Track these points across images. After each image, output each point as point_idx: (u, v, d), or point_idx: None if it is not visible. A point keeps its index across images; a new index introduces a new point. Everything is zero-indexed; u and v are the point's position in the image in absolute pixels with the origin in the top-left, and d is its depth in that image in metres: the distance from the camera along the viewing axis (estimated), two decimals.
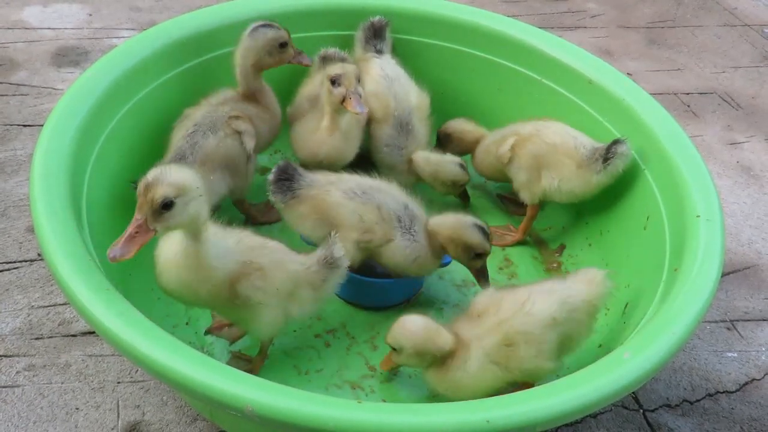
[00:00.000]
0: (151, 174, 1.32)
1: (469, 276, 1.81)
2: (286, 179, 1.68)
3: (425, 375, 1.57)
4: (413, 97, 2.04)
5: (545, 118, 1.97)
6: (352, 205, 1.67)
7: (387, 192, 1.72)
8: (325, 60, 2.04)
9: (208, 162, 1.77)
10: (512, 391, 1.39)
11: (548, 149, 1.89)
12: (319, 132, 1.88)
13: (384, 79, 2.02)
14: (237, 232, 1.53)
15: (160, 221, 1.30)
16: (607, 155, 1.81)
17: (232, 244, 1.48)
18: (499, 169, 2.00)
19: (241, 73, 1.88)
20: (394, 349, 1.54)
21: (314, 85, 2.00)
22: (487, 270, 1.75)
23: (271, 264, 1.51)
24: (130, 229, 1.30)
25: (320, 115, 1.89)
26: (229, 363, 1.63)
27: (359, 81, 1.80)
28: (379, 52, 2.10)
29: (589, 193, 1.88)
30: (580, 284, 1.56)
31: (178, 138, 1.80)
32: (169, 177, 1.31)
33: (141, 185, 1.31)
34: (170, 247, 1.43)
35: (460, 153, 2.06)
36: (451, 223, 1.71)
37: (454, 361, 1.51)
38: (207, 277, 1.43)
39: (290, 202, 1.69)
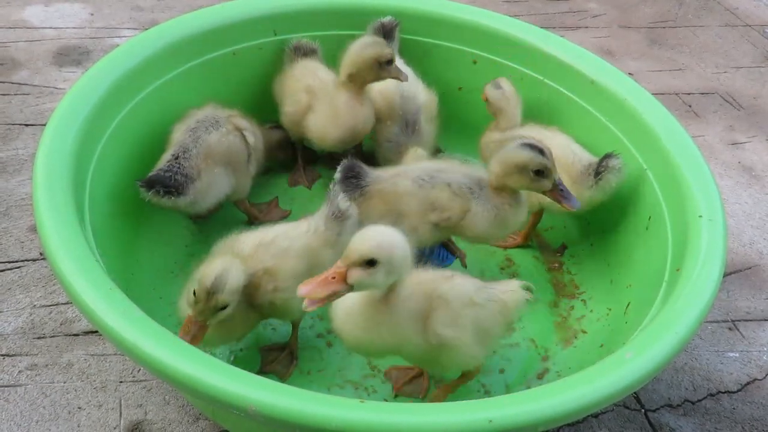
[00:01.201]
0: (210, 278, 1.40)
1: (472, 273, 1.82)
2: (353, 177, 1.71)
3: (356, 307, 1.41)
4: (421, 96, 2.04)
5: (552, 128, 1.95)
6: (423, 192, 1.70)
7: (451, 170, 1.74)
8: (297, 51, 2.06)
9: (211, 156, 1.78)
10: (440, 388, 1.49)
11: None
12: (349, 105, 1.89)
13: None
14: (232, 244, 1.55)
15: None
16: (598, 169, 1.79)
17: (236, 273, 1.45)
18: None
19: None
20: (369, 263, 1.29)
21: (298, 78, 2.01)
22: (563, 188, 1.66)
23: (276, 257, 1.52)
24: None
25: (330, 99, 1.91)
26: (264, 358, 1.68)
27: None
28: None
29: (584, 207, 1.82)
30: (500, 285, 1.55)
31: (180, 132, 1.80)
32: (228, 283, 1.40)
33: (201, 291, 1.40)
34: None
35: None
36: (498, 155, 1.68)
37: (382, 306, 1.39)
38: (233, 318, 1.49)
39: (359, 199, 1.71)
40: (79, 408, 1.62)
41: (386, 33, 2.12)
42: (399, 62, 2.08)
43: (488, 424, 1.17)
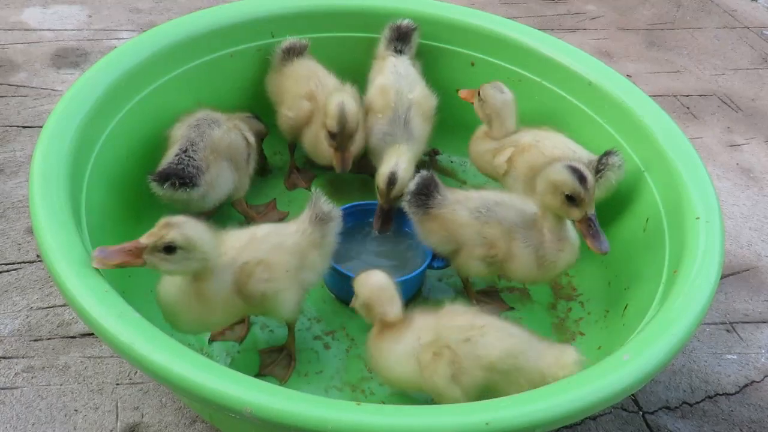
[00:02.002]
0: (177, 218, 1.37)
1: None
2: (425, 194, 1.73)
3: (370, 335, 1.56)
4: (417, 93, 2.03)
5: (547, 128, 1.95)
6: (477, 225, 1.69)
7: (508, 204, 1.71)
8: (290, 52, 2.04)
9: (216, 150, 1.79)
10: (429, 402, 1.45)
11: (545, 160, 1.87)
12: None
13: (393, 75, 2.02)
14: (221, 239, 1.53)
15: (154, 257, 1.35)
16: (598, 166, 1.79)
17: (224, 262, 1.48)
18: (487, 164, 2.00)
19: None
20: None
21: (297, 80, 2.00)
22: (595, 225, 1.57)
23: (270, 251, 1.53)
24: (128, 244, 1.35)
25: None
26: (263, 360, 1.68)
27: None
28: (399, 52, 2.10)
29: None
30: (547, 353, 1.43)
31: (182, 129, 1.80)
32: (186, 228, 1.36)
33: (163, 220, 1.36)
34: (171, 293, 1.45)
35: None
36: (544, 170, 1.62)
37: (391, 334, 1.50)
38: (214, 307, 1.47)
39: (422, 218, 1.74)
40: (76, 410, 1.62)
41: (401, 35, 2.11)
42: (407, 62, 2.09)
43: (485, 426, 1.16)
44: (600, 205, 1.91)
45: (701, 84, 2.99)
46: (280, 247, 1.55)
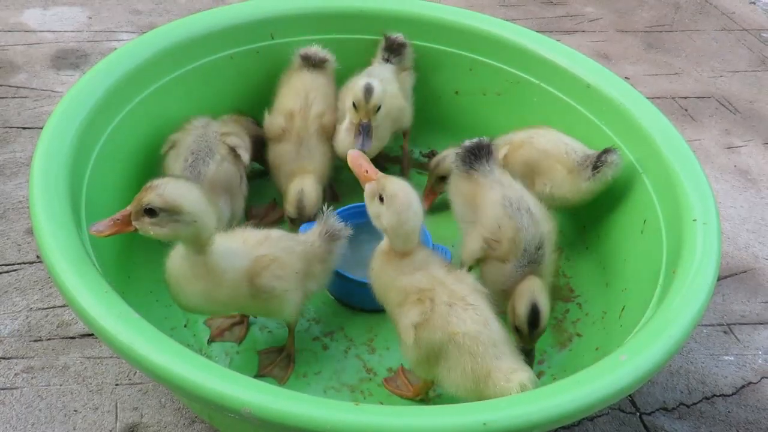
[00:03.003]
0: (160, 179, 1.37)
1: None
2: (475, 155, 1.74)
3: (378, 249, 1.55)
4: (388, 97, 1.97)
5: (540, 126, 1.97)
6: (500, 213, 1.69)
7: (536, 218, 1.70)
8: (305, 60, 2.03)
9: (213, 189, 1.76)
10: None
11: (540, 155, 1.89)
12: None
13: (366, 75, 1.99)
14: (240, 233, 1.57)
15: (140, 222, 1.36)
16: (597, 163, 1.80)
17: (238, 246, 1.51)
18: None
19: None
20: (381, 200, 1.47)
21: (294, 93, 1.99)
22: (531, 355, 1.60)
23: (284, 251, 1.56)
24: (117, 214, 1.37)
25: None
26: (262, 361, 1.69)
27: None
28: (386, 61, 2.12)
29: (581, 199, 1.87)
30: (506, 361, 1.40)
31: (176, 169, 1.78)
32: (165, 190, 1.35)
33: (147, 183, 1.36)
34: (178, 265, 1.46)
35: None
36: (520, 286, 1.62)
37: (399, 261, 1.50)
38: (221, 283, 1.46)
39: (461, 174, 1.76)
40: (75, 411, 1.62)
41: (389, 45, 2.12)
42: (389, 68, 2.09)
43: (483, 426, 1.17)
44: (598, 206, 1.93)
45: (699, 86, 3.00)
46: (291, 251, 1.57)
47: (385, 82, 1.98)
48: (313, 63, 2.03)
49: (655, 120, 1.87)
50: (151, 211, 1.34)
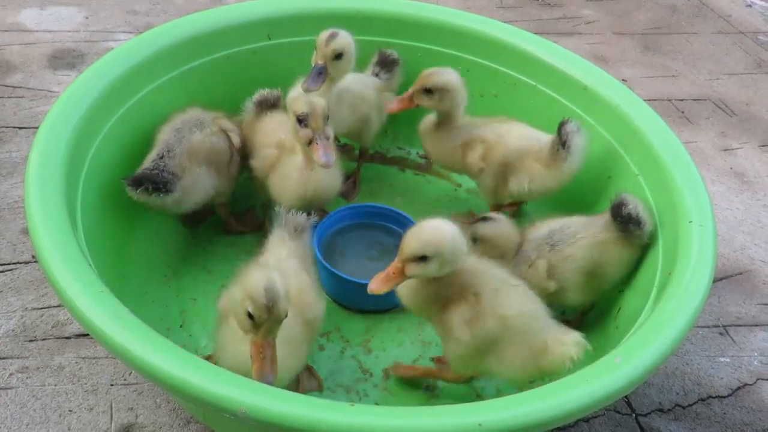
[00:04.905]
0: (261, 293, 1.28)
1: None
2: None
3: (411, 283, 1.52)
4: (351, 80, 1.97)
5: (504, 119, 1.97)
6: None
7: (568, 233, 1.70)
8: (262, 105, 1.94)
9: (194, 155, 1.77)
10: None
11: (515, 155, 1.90)
12: (300, 171, 1.77)
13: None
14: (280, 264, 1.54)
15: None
16: (561, 139, 1.80)
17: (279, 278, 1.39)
18: (456, 161, 1.99)
19: None
20: (422, 259, 1.42)
21: (267, 132, 1.89)
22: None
23: (294, 276, 1.52)
24: (267, 350, 1.30)
25: (294, 155, 1.79)
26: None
27: (328, 119, 1.70)
28: (375, 75, 2.13)
29: (564, 183, 1.87)
30: (554, 329, 1.48)
31: (164, 132, 1.80)
32: (281, 289, 1.30)
33: (259, 308, 1.28)
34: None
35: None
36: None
37: (455, 301, 1.48)
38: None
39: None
40: (70, 411, 1.62)
41: (380, 60, 2.13)
42: (366, 75, 2.09)
43: (478, 427, 1.17)
44: (593, 208, 1.93)
45: (696, 88, 3.00)
46: (295, 272, 1.54)
47: (362, 85, 2.00)
48: (270, 105, 1.94)
49: (651, 122, 1.88)
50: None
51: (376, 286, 1.44)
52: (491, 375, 1.53)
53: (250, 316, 1.29)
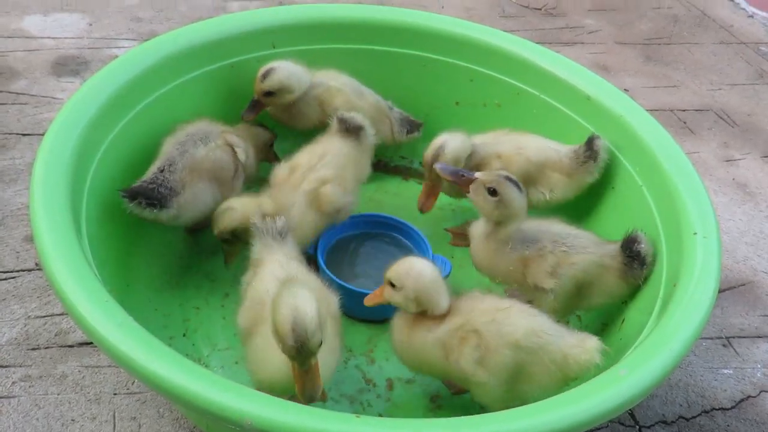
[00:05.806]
0: (297, 329, 1.23)
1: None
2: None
3: (396, 319, 1.55)
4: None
5: (519, 132, 1.98)
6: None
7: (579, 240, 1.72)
8: (341, 123, 1.93)
9: (196, 171, 1.77)
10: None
11: (536, 168, 1.91)
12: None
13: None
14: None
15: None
16: (592, 153, 1.86)
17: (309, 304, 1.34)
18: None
19: None
20: (392, 286, 1.48)
21: None
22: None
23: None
24: (313, 373, 1.28)
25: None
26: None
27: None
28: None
29: (579, 193, 1.93)
30: (568, 336, 1.45)
31: (168, 145, 1.80)
32: (314, 321, 1.25)
33: (292, 348, 1.24)
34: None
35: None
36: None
37: (428, 322, 1.49)
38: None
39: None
40: (73, 420, 1.61)
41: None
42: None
43: None
44: (597, 219, 1.93)
45: (698, 99, 3.01)
46: (304, 273, 1.55)
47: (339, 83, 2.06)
48: (346, 128, 1.89)
49: (654, 132, 1.88)
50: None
51: (366, 300, 1.56)
52: (528, 400, 1.42)
53: (290, 351, 1.25)
